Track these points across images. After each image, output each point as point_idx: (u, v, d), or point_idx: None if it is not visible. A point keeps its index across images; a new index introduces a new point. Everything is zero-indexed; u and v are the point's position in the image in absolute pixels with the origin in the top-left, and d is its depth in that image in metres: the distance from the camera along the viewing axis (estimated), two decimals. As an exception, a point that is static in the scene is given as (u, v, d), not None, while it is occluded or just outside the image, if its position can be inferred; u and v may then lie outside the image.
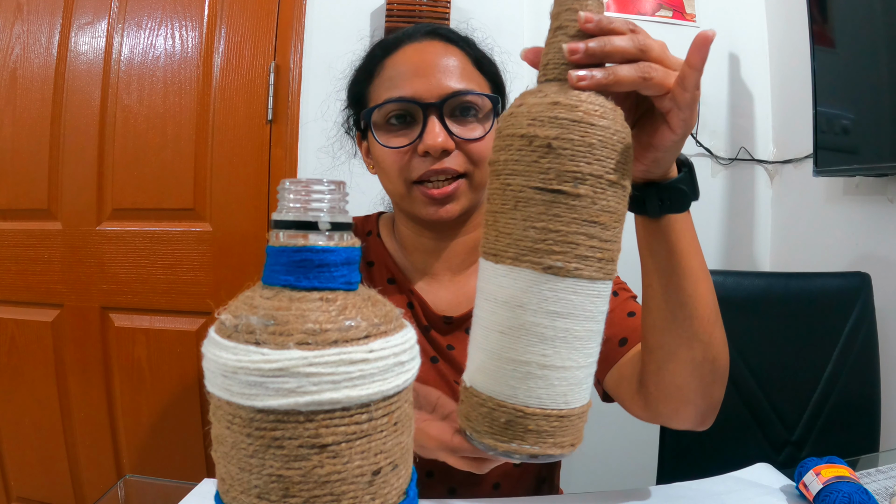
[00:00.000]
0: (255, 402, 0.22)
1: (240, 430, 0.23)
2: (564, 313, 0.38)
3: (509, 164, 0.39)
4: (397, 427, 0.25)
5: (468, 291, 0.76)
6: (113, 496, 0.68)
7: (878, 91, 1.15)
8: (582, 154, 0.37)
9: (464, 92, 0.67)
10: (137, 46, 1.39)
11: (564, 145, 0.37)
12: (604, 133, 0.38)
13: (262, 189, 1.41)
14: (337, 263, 0.25)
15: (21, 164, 1.39)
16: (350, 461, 0.23)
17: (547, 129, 0.37)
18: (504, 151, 0.40)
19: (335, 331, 0.23)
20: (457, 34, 0.73)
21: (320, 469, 0.23)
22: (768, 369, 1.09)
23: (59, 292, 1.40)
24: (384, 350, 0.24)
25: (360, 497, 0.23)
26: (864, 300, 1.12)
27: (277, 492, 0.23)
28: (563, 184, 0.37)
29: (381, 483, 0.24)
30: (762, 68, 1.65)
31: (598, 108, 0.38)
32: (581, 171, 0.37)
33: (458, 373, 0.74)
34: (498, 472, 0.75)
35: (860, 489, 0.56)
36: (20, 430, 1.43)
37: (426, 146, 0.65)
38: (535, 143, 0.38)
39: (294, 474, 0.22)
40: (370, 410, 0.23)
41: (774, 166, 1.64)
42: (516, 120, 0.39)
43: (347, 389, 0.22)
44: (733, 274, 1.11)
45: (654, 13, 1.58)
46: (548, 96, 0.39)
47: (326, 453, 0.23)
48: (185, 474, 1.40)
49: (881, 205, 1.27)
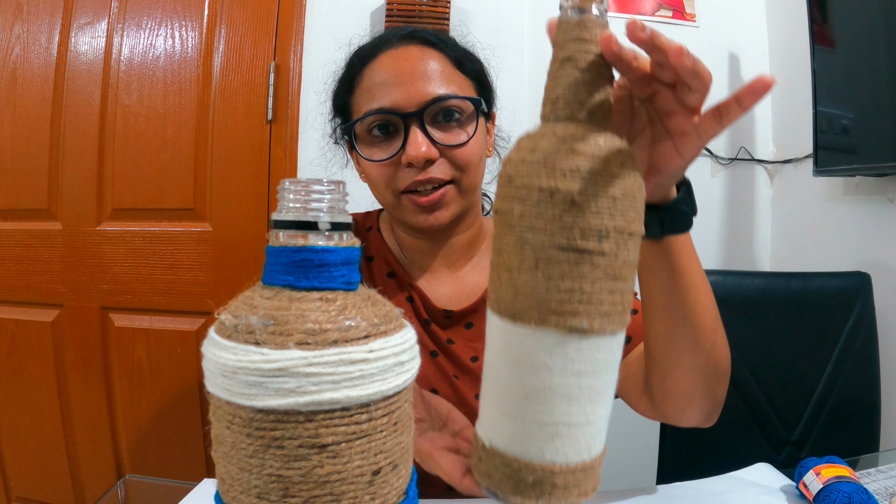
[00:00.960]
0: (255, 402, 0.22)
1: (240, 430, 0.23)
2: (589, 371, 0.36)
3: (526, 219, 0.36)
4: (397, 427, 0.25)
5: (467, 286, 0.77)
6: (113, 496, 0.68)
7: (878, 91, 1.15)
8: (606, 208, 0.35)
9: (444, 97, 0.66)
10: (137, 46, 1.39)
11: (588, 200, 0.35)
12: (625, 183, 0.36)
13: (262, 189, 1.41)
14: (337, 263, 0.25)
15: (21, 164, 1.39)
16: (350, 461, 0.23)
17: (569, 181, 0.35)
18: (519, 203, 0.36)
19: (335, 331, 0.23)
20: (435, 35, 0.71)
21: (320, 469, 0.23)
22: (768, 369, 1.09)
23: (59, 292, 1.40)
24: (384, 350, 0.24)
25: (360, 497, 0.23)
26: (864, 300, 1.12)
27: (277, 492, 0.23)
28: (588, 241, 0.35)
29: (381, 483, 0.24)
30: (762, 68, 1.65)
31: (620, 156, 0.36)
32: (605, 227, 0.35)
33: (457, 367, 0.74)
34: None
35: (860, 489, 0.56)
36: (20, 430, 1.43)
37: (409, 158, 0.64)
38: (556, 198, 0.35)
39: (294, 474, 0.22)
40: (370, 410, 0.23)
41: (774, 166, 1.64)
42: (532, 169, 0.36)
43: (347, 389, 0.22)
44: (733, 274, 1.11)
45: (654, 13, 1.58)
46: (565, 142, 0.36)
47: (326, 453, 0.23)
48: (185, 474, 1.40)
49: (881, 205, 1.27)
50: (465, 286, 0.76)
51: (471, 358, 0.74)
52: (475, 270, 0.78)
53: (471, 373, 0.74)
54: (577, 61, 0.38)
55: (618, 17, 1.56)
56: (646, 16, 1.57)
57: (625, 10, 1.56)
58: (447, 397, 0.73)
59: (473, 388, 0.74)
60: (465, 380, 0.74)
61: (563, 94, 0.38)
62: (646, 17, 1.57)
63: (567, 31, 0.38)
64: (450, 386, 0.73)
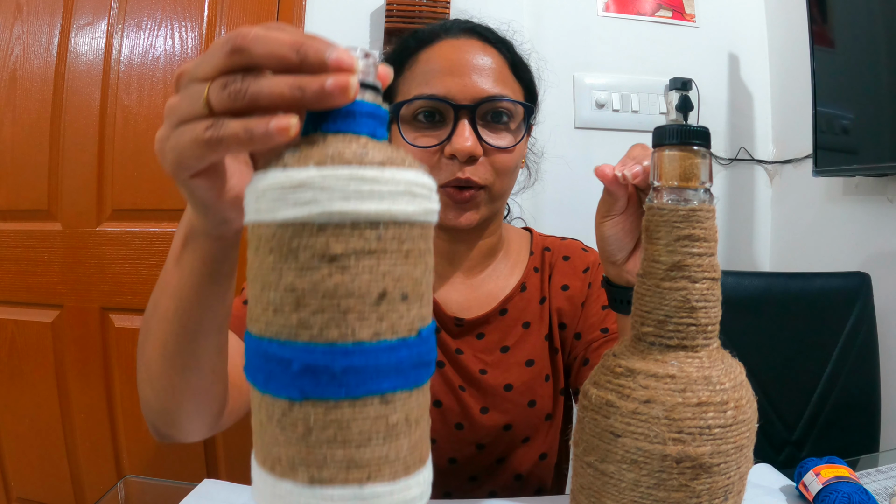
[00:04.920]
0: (277, 215, 0.24)
1: (264, 249, 0.25)
2: None
3: (641, 488, 0.30)
4: (409, 258, 0.26)
5: (481, 294, 0.75)
6: (113, 496, 0.68)
7: (878, 91, 1.15)
8: (734, 461, 0.30)
9: (498, 97, 0.65)
10: (137, 47, 1.39)
11: (718, 461, 0.29)
12: (751, 423, 0.31)
13: (262, 189, 1.41)
14: (362, 113, 0.27)
15: (21, 165, 1.39)
16: (357, 277, 0.24)
17: (699, 444, 0.29)
18: (630, 469, 0.30)
19: (352, 155, 0.25)
20: (496, 34, 0.70)
21: (329, 280, 0.24)
22: (768, 369, 1.09)
23: (59, 293, 1.39)
24: (397, 177, 0.25)
25: (366, 315, 0.24)
26: (864, 300, 1.12)
27: (291, 304, 0.24)
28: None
29: (387, 308, 0.25)
30: (762, 68, 1.65)
31: (746, 395, 0.31)
32: (732, 483, 0.30)
33: (464, 379, 0.72)
34: (495, 483, 0.75)
35: (860, 489, 0.56)
36: (20, 430, 1.43)
37: (454, 149, 0.63)
38: (683, 465, 0.29)
39: (306, 285, 0.24)
40: (379, 230, 0.25)
41: (774, 166, 1.64)
42: (649, 428, 0.29)
43: (357, 202, 0.24)
44: (733, 274, 1.11)
45: (654, 13, 1.58)
46: (687, 389, 0.30)
47: (335, 265, 0.24)
48: (185, 474, 1.40)
49: (881, 205, 1.27)
50: (479, 294, 0.75)
51: (479, 370, 0.72)
52: (491, 278, 0.76)
53: (478, 385, 0.72)
54: (689, 269, 0.31)
55: (618, 17, 1.56)
56: (645, 16, 1.57)
57: (624, 10, 1.56)
58: (452, 409, 0.72)
59: (479, 401, 0.72)
60: (471, 392, 0.72)
61: (670, 312, 0.31)
62: (645, 17, 1.57)
63: (671, 221, 0.31)
64: (455, 398, 0.72)
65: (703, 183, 0.31)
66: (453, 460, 0.73)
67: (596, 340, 0.71)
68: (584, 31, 1.53)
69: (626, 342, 0.34)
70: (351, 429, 0.25)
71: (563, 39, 1.51)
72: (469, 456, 0.73)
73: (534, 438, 0.75)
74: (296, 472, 0.25)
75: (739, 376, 0.32)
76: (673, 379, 0.30)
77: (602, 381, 0.33)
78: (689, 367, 0.30)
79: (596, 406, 0.32)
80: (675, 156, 0.32)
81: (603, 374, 0.33)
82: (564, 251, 0.79)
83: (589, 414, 0.33)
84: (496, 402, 0.72)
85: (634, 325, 0.33)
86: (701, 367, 0.31)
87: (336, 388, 0.24)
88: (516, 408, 0.72)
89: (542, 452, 0.76)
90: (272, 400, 0.26)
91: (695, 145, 0.32)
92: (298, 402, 0.25)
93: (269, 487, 0.26)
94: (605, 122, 1.53)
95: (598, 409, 0.32)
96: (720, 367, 0.31)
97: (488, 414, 0.72)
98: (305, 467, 0.25)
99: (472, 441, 0.72)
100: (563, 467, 0.82)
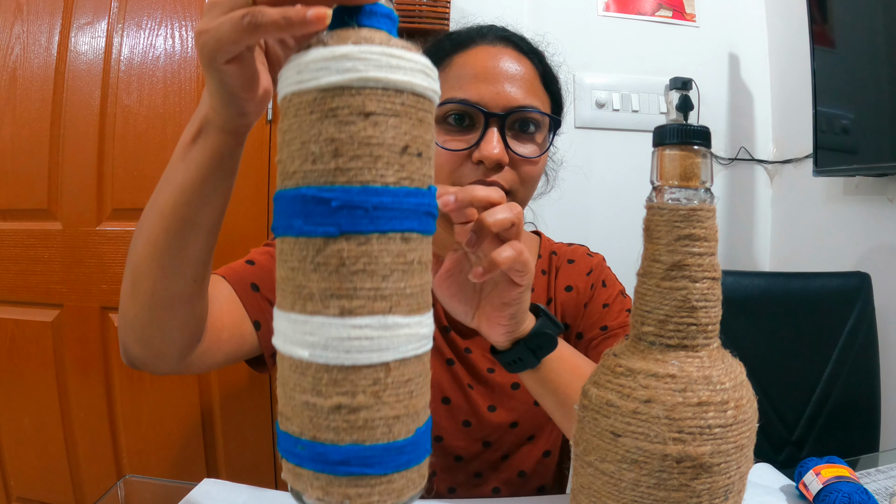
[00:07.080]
0: (321, 81, 0.29)
1: (305, 111, 0.30)
2: None
3: (641, 488, 0.30)
4: (422, 124, 0.31)
5: None
6: (113, 496, 0.68)
7: (878, 91, 1.15)
8: (735, 461, 0.30)
9: (529, 108, 0.65)
10: (137, 46, 1.39)
11: (718, 460, 0.29)
12: (751, 423, 0.31)
13: (262, 189, 1.41)
14: (382, 14, 0.32)
15: (21, 164, 1.39)
16: (386, 131, 0.29)
17: (699, 443, 0.29)
18: (630, 468, 0.30)
19: (381, 39, 0.30)
20: (529, 44, 0.71)
21: (364, 132, 0.29)
22: (768, 369, 1.09)
23: (59, 292, 1.39)
24: (416, 58, 0.31)
25: (392, 163, 0.29)
26: (864, 300, 1.12)
27: (329, 153, 0.29)
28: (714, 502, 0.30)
29: (408, 160, 0.30)
30: (762, 68, 1.65)
31: (747, 395, 0.31)
32: (732, 483, 0.31)
33: (472, 377, 0.74)
34: (499, 480, 0.76)
35: (860, 489, 0.56)
36: (20, 430, 1.43)
37: (483, 155, 0.63)
38: (684, 464, 0.29)
39: (344, 136, 0.29)
40: (403, 97, 0.30)
41: (774, 166, 1.64)
42: (650, 428, 0.30)
43: (388, 72, 0.29)
44: (733, 274, 1.11)
45: (654, 13, 1.58)
46: (687, 389, 0.30)
47: (369, 120, 0.29)
48: (185, 474, 1.40)
49: (881, 205, 1.27)
50: None
51: (487, 369, 0.74)
52: None
53: (486, 383, 0.74)
54: (690, 269, 0.30)
55: (618, 17, 1.56)
56: (645, 16, 1.57)
57: (624, 10, 1.56)
58: (460, 406, 0.73)
59: (487, 399, 0.74)
60: (479, 390, 0.74)
61: (669, 312, 0.31)
62: (645, 17, 1.57)
63: (672, 220, 0.31)
64: (463, 395, 0.73)
65: (703, 182, 0.32)
66: (459, 458, 0.74)
67: (596, 338, 0.72)
68: (584, 30, 1.53)
69: (626, 342, 0.34)
70: (378, 262, 0.29)
71: (563, 39, 1.51)
72: (475, 452, 0.74)
73: (538, 436, 0.76)
74: (328, 306, 0.29)
75: (740, 376, 0.32)
76: (673, 378, 0.30)
77: (602, 381, 0.33)
78: (689, 366, 0.31)
79: (596, 406, 0.32)
80: (675, 155, 0.32)
81: (603, 374, 0.33)
82: (570, 255, 0.81)
83: (589, 413, 0.33)
84: (503, 401, 0.74)
85: (635, 325, 0.33)
86: (701, 367, 0.31)
87: (368, 223, 0.29)
88: (523, 406, 0.74)
89: (545, 450, 0.77)
90: (306, 241, 0.29)
91: (695, 145, 0.32)
92: (334, 239, 0.29)
93: (299, 326, 0.29)
94: (605, 121, 1.53)
95: (599, 408, 0.32)
96: (720, 367, 0.31)
97: (496, 412, 0.74)
98: (337, 299, 0.29)
99: (478, 438, 0.74)
100: (565, 466, 0.83)
